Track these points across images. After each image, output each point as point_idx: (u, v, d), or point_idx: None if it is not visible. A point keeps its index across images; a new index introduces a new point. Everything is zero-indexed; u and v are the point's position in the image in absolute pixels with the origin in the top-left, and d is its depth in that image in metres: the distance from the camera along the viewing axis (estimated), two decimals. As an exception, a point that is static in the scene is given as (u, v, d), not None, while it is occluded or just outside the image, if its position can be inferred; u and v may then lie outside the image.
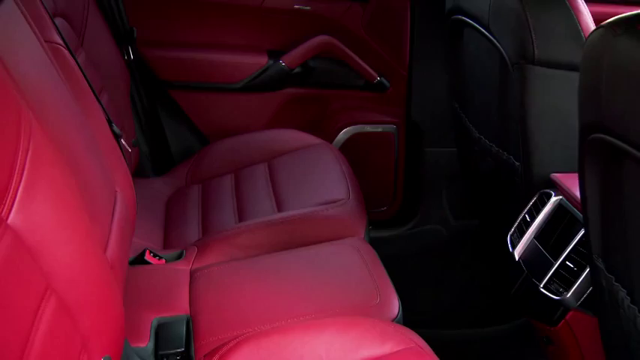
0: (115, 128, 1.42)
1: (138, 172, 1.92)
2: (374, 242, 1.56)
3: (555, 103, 1.38)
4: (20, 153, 0.87)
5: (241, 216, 1.71)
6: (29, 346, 0.82)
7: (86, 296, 0.96)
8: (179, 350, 1.25)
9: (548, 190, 1.42)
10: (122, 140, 1.46)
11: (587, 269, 1.25)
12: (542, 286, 1.35)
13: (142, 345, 1.24)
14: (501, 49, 1.47)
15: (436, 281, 2.07)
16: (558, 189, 1.40)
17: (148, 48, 2.09)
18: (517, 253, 1.47)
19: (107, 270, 1.04)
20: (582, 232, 1.29)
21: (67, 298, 0.92)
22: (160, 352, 1.24)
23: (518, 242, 1.47)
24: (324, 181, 1.76)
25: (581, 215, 1.28)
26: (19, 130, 0.89)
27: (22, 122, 0.90)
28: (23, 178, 0.86)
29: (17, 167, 0.85)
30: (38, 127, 0.93)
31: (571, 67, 1.31)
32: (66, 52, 1.34)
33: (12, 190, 0.84)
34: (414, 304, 1.43)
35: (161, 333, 1.28)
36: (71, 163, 1.04)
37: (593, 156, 0.99)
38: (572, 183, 1.34)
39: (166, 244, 1.69)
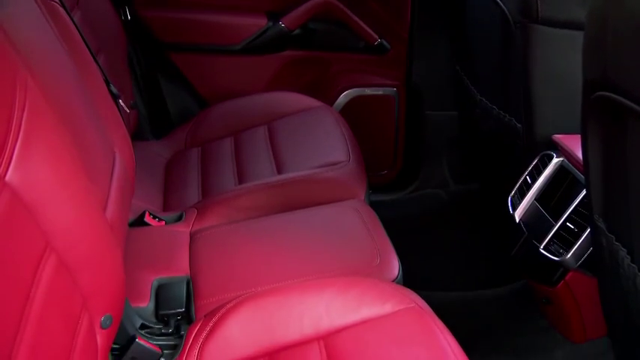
0: (113, 88, 1.41)
1: (137, 135, 1.90)
2: (374, 206, 1.56)
3: (559, 64, 1.36)
4: (16, 110, 0.86)
5: (241, 178, 1.71)
6: (29, 304, 0.82)
7: (86, 255, 0.96)
8: (179, 310, 1.25)
9: (549, 152, 1.41)
10: (120, 101, 1.45)
11: (588, 230, 1.25)
12: (542, 247, 1.35)
13: (143, 305, 1.25)
14: (504, 7, 1.44)
15: (436, 244, 2.08)
16: (560, 150, 1.39)
17: (146, 8, 2.06)
18: (517, 215, 1.46)
19: (107, 229, 1.04)
20: (583, 193, 1.29)
21: (67, 257, 0.91)
22: (161, 312, 1.25)
23: (519, 204, 1.47)
24: (324, 144, 1.75)
25: (582, 176, 1.28)
26: (14, 87, 0.88)
27: (17, 79, 0.89)
28: (20, 136, 0.85)
29: (14, 124, 0.85)
30: (34, 85, 0.92)
31: (575, 26, 1.29)
32: (62, 9, 1.31)
33: (9, 147, 0.83)
34: (414, 267, 1.43)
35: (161, 293, 1.29)
36: (68, 122, 1.03)
37: (597, 114, 0.98)
38: (574, 144, 1.34)
39: (166, 207, 1.69)
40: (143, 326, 1.21)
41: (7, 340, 0.77)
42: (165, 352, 1.16)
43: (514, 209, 1.47)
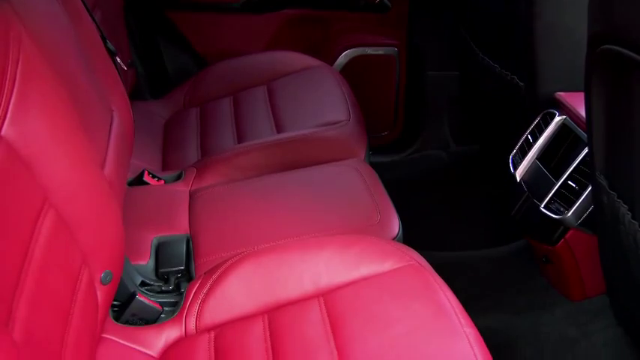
0: (110, 45, 1.39)
1: (135, 95, 1.89)
2: (374, 167, 1.55)
3: (563, 20, 1.34)
4: (10, 64, 0.85)
5: (240, 138, 1.70)
6: (29, 259, 0.82)
7: (84, 211, 0.96)
8: (179, 268, 1.26)
9: (552, 110, 1.40)
10: (117, 58, 1.43)
11: (589, 188, 1.25)
12: (542, 206, 1.35)
13: (143, 262, 1.25)
14: (508, -38, 1.42)
15: (436, 205, 2.08)
16: (562, 108, 1.37)
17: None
18: (519, 174, 1.46)
19: (105, 186, 1.03)
20: (585, 151, 1.28)
21: (66, 213, 0.91)
22: (161, 270, 1.25)
23: (520, 163, 1.46)
24: (324, 103, 1.73)
25: (584, 135, 1.26)
26: (7, 41, 0.86)
27: (10, 32, 0.87)
28: (15, 90, 0.84)
29: (8, 78, 0.84)
30: (28, 39, 0.91)
31: (580, -19, 1.26)
32: (56, -37, 1.28)
33: (4, 101, 0.82)
34: (415, 227, 1.43)
35: (161, 251, 1.29)
36: (64, 78, 1.01)
37: (601, 69, 0.96)
38: (576, 102, 1.32)
39: (165, 166, 1.68)
40: (143, 284, 1.21)
41: (6, 294, 0.77)
42: (166, 309, 1.16)
43: (515, 168, 1.47)
